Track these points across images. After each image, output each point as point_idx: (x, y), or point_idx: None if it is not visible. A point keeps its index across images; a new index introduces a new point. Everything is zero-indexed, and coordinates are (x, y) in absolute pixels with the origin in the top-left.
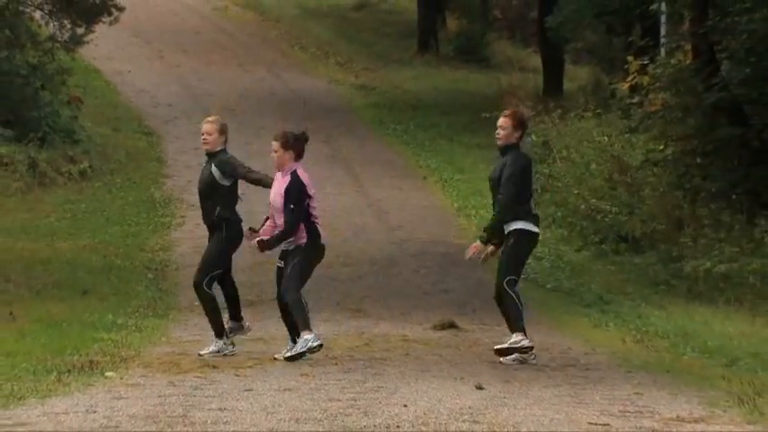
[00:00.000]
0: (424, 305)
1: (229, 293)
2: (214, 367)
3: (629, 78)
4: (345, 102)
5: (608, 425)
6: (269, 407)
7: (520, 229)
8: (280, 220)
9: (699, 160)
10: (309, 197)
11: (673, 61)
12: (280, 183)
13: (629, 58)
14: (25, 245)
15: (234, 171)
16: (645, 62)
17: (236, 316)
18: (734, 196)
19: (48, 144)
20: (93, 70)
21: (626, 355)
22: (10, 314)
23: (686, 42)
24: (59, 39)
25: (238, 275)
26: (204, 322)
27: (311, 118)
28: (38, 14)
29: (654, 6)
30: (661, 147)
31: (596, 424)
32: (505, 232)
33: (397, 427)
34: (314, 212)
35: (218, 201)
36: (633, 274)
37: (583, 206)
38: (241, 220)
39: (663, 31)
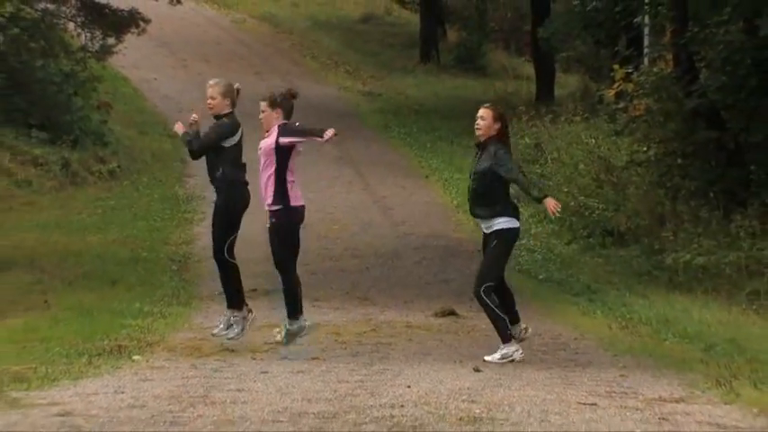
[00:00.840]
0: (426, 294)
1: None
2: (232, 351)
3: (615, 85)
4: (353, 107)
5: (595, 404)
6: (283, 388)
7: (502, 230)
8: (262, 169)
9: (679, 161)
10: (296, 148)
11: (655, 70)
12: (269, 137)
13: (615, 67)
14: (59, 239)
15: (210, 128)
16: (629, 71)
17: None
18: (711, 194)
19: (79, 146)
20: (122, 78)
21: (612, 341)
22: (45, 302)
23: (667, 52)
24: (91, 49)
25: (252, 267)
26: (219, 309)
27: (322, 122)
28: (71, 26)
29: (637, 19)
30: (644, 149)
31: (585, 404)
32: (487, 231)
33: (401, 406)
34: (291, 166)
35: (221, 161)
36: (618, 266)
37: (572, 203)
38: (247, 183)
39: (646, 41)
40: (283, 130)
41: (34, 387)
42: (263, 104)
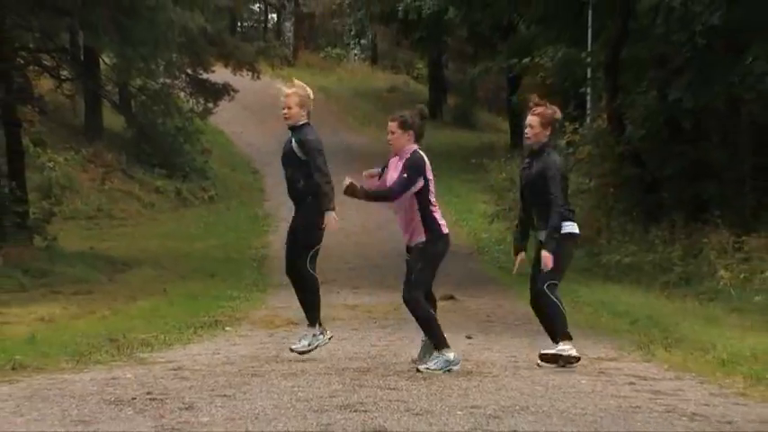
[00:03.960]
0: (434, 284)
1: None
2: (296, 324)
3: (566, 136)
4: (382, 152)
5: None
6: (332, 350)
7: (568, 234)
8: (400, 210)
9: (611, 190)
10: (428, 179)
11: (595, 125)
12: (398, 166)
13: (566, 123)
14: (173, 245)
15: (309, 155)
16: (576, 126)
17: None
18: (635, 213)
19: (188, 179)
20: (218, 131)
21: None
22: (164, 290)
23: (604, 113)
24: (196, 110)
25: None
26: (287, 294)
27: (360, 162)
28: (182, 94)
29: (582, 89)
30: (587, 181)
31: None
32: (545, 236)
33: (415, 362)
34: (432, 199)
35: (302, 174)
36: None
37: None
38: None
39: (588, 105)
40: (407, 168)
41: (156, 349)
42: (393, 125)
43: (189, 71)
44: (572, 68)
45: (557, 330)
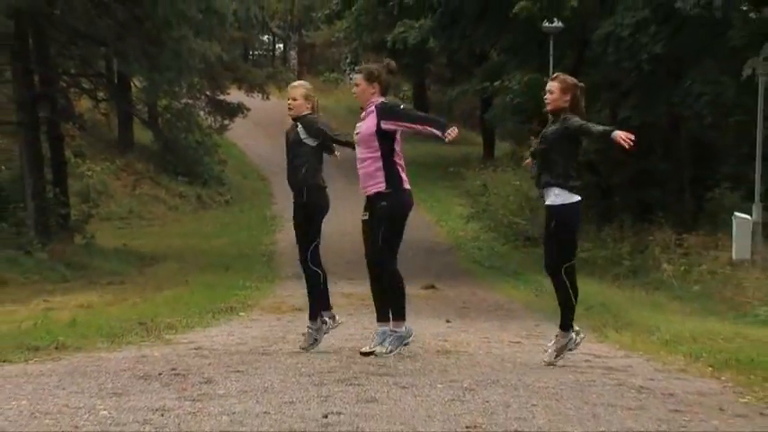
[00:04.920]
0: (417, 275)
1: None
2: (300, 310)
3: (530, 148)
4: None
5: (519, 342)
6: (331, 332)
7: (561, 206)
8: (363, 157)
9: None
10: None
11: None
12: (367, 119)
13: (532, 137)
14: (194, 242)
15: (319, 132)
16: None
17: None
18: (589, 215)
19: (207, 185)
20: (233, 144)
21: (530, 304)
22: (186, 281)
23: None
24: (214, 126)
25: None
26: (292, 284)
27: (354, 167)
28: (201, 113)
29: (545, 109)
30: None
31: (513, 342)
32: (546, 201)
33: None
34: (397, 149)
35: (303, 162)
36: (533, 258)
37: (506, 220)
38: (326, 187)
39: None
40: (383, 112)
41: (179, 332)
42: (358, 78)
43: (208, 93)
44: (536, 90)
45: (563, 318)
